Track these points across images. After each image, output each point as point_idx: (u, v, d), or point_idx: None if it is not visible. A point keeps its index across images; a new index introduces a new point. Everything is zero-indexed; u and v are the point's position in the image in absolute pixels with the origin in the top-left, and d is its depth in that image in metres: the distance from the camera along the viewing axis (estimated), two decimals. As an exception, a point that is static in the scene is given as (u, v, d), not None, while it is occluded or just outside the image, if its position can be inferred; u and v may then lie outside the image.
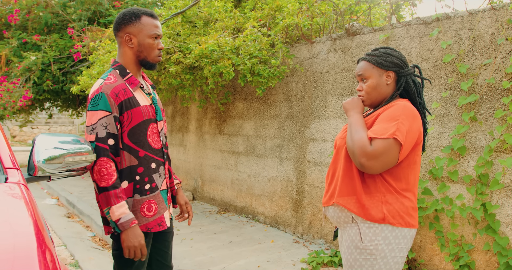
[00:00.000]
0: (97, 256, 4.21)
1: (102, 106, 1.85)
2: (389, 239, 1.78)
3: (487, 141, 3.00)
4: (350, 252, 1.85)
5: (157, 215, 2.00)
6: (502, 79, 2.92)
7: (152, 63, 2.04)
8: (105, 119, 1.85)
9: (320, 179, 4.38)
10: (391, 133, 1.70)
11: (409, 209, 1.81)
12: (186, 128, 7.05)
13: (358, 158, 1.73)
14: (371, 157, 1.70)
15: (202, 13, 5.16)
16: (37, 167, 1.61)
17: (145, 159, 1.97)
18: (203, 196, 6.55)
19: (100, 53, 5.71)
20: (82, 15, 8.52)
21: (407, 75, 1.91)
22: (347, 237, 1.87)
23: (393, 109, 1.79)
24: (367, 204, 1.79)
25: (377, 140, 1.71)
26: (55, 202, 7.19)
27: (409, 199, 1.82)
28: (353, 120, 1.85)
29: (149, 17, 1.99)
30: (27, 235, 1.03)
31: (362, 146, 1.71)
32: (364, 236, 1.79)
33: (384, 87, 1.91)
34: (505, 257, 2.84)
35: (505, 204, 2.91)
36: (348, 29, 4.03)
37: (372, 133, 1.74)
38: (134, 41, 1.97)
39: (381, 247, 1.77)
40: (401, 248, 1.80)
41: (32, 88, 8.57)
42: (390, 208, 1.77)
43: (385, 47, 1.95)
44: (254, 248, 4.25)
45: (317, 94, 4.42)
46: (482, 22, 3.03)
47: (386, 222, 1.76)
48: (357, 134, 1.77)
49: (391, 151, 1.71)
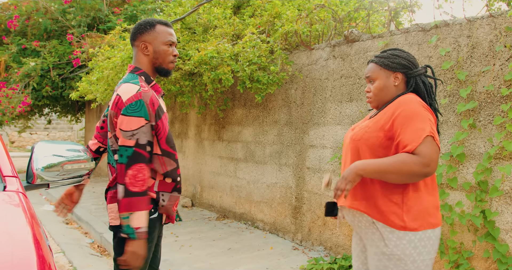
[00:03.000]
0: (96, 262, 4.19)
1: (143, 114, 1.88)
2: (414, 242, 1.75)
3: (486, 148, 3.00)
4: (378, 258, 1.81)
5: None
6: (501, 86, 2.92)
7: (167, 70, 2.11)
8: (145, 127, 1.89)
9: (319, 185, 4.37)
10: (423, 133, 1.69)
11: (429, 209, 1.77)
12: (185, 134, 7.05)
13: (420, 175, 1.70)
14: (425, 165, 1.68)
15: (201, 19, 5.18)
16: (36, 175, 1.60)
17: (177, 161, 2.07)
18: (202, 203, 6.53)
19: (100, 59, 5.72)
20: (82, 21, 8.55)
21: (416, 76, 1.90)
22: (371, 243, 1.84)
23: (406, 106, 1.76)
24: (386, 210, 1.76)
25: (419, 148, 1.68)
26: (54, 208, 7.16)
27: (429, 194, 1.79)
28: (375, 166, 1.74)
29: (163, 25, 2.07)
30: (25, 244, 1.03)
31: (412, 166, 1.67)
32: (389, 241, 1.76)
33: (392, 89, 1.90)
34: (505, 265, 2.83)
35: (504, 211, 2.90)
36: (347, 36, 4.04)
37: (408, 142, 1.70)
38: (150, 48, 2.04)
39: (408, 251, 1.74)
40: (429, 251, 1.77)
41: (31, 94, 8.59)
42: (410, 213, 1.74)
43: (393, 49, 1.94)
44: (253, 255, 4.23)
45: (316, 101, 4.43)
46: (481, 29, 3.05)
47: (407, 229, 1.74)
48: (396, 165, 1.70)
49: (433, 147, 1.70)
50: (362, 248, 2.01)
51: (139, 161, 1.85)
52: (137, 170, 1.84)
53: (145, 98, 1.90)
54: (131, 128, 1.86)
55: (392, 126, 1.77)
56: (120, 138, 1.88)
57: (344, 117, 4.10)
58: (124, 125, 1.87)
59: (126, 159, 1.85)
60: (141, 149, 1.87)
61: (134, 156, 1.85)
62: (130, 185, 1.83)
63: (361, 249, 2.02)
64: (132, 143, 1.86)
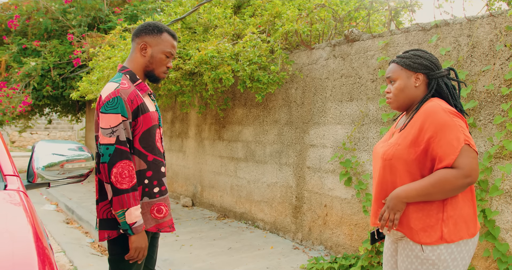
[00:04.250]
0: (96, 262, 4.19)
1: (120, 110, 1.87)
2: (451, 247, 1.71)
3: (487, 147, 3.00)
4: (410, 261, 1.77)
5: (168, 217, 2.06)
6: (501, 85, 2.93)
7: (157, 77, 2.11)
8: (123, 124, 1.88)
9: (319, 185, 4.37)
10: (459, 144, 1.65)
11: (467, 217, 1.74)
12: (185, 134, 7.05)
13: (464, 187, 1.68)
14: (467, 176, 1.65)
15: (202, 19, 5.18)
16: (37, 174, 1.61)
17: (154, 163, 2.01)
18: (203, 202, 6.54)
19: (100, 59, 5.73)
20: (82, 21, 8.55)
21: (438, 77, 1.85)
22: (406, 246, 1.80)
23: (434, 118, 1.71)
24: (419, 226, 1.73)
25: (457, 161, 1.65)
26: (54, 207, 7.17)
27: (468, 200, 1.76)
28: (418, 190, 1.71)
29: (170, 35, 2.09)
30: (26, 242, 1.03)
31: (454, 181, 1.65)
32: (426, 246, 1.73)
33: (412, 90, 1.86)
34: (505, 264, 2.83)
35: (504, 210, 2.90)
36: (347, 35, 4.04)
37: (445, 157, 1.67)
38: (149, 51, 2.04)
39: (443, 256, 1.70)
40: (463, 256, 1.74)
41: (32, 93, 8.59)
42: (449, 225, 1.71)
43: (416, 49, 1.90)
44: (254, 254, 4.24)
45: (317, 100, 4.43)
46: (481, 28, 3.05)
47: (443, 241, 1.70)
48: (438, 184, 1.67)
49: (471, 155, 1.67)
50: (392, 252, 1.97)
51: (123, 158, 1.85)
52: (122, 167, 1.84)
53: (122, 95, 1.89)
54: (110, 125, 1.85)
55: (423, 140, 1.72)
56: (100, 137, 1.87)
57: (344, 116, 4.10)
58: (104, 122, 1.87)
59: (108, 157, 1.84)
60: (122, 145, 1.86)
61: (117, 154, 1.84)
62: (117, 184, 1.83)
63: (391, 254, 1.98)
64: (112, 140, 1.85)
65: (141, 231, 1.89)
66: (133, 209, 1.85)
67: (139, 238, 1.89)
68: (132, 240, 1.89)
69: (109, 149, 1.83)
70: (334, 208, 4.20)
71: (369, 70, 3.87)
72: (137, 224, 1.87)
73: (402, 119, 1.99)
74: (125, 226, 1.86)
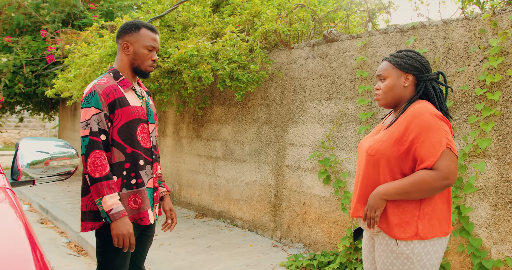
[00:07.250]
0: (73, 262, 4.13)
1: (94, 103, 1.98)
2: (425, 242, 1.78)
3: (461, 146, 3.10)
4: (386, 256, 1.84)
5: (141, 209, 2.09)
6: (475, 86, 3.03)
7: (145, 72, 2.19)
8: (97, 116, 1.97)
9: (298, 183, 4.42)
10: (440, 147, 1.71)
11: (442, 216, 1.81)
12: (163, 133, 7.01)
13: (441, 188, 1.73)
14: (444, 178, 1.71)
15: (181, 17, 5.16)
16: (21, 171, 1.59)
17: (132, 156, 2.07)
18: (180, 201, 6.51)
19: (76, 56, 5.63)
20: (56, 17, 8.38)
21: (426, 80, 1.91)
22: (382, 241, 1.87)
23: (420, 119, 1.77)
24: (395, 222, 1.79)
25: (437, 163, 1.71)
26: (27, 207, 7.01)
27: (445, 200, 1.83)
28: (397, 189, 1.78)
29: (148, 29, 2.17)
30: (19, 238, 1.03)
31: (432, 183, 1.71)
32: (400, 241, 1.79)
33: (401, 89, 1.92)
34: (478, 258, 2.94)
35: (478, 207, 3.01)
36: (326, 35, 4.10)
37: (426, 158, 1.73)
38: (131, 49, 2.14)
39: (417, 250, 1.77)
40: (437, 250, 1.81)
41: (3, 91, 8.38)
42: (425, 222, 1.77)
43: (409, 50, 1.96)
44: (233, 252, 4.25)
45: (296, 100, 4.47)
46: (456, 31, 3.14)
47: (417, 238, 1.77)
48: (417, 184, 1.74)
49: (451, 159, 1.73)
50: (370, 248, 2.04)
51: (95, 148, 1.94)
52: (94, 157, 1.92)
53: (98, 89, 2.00)
54: (85, 119, 1.97)
55: (407, 140, 1.78)
56: (80, 131, 1.98)
57: (323, 115, 4.16)
58: (82, 117, 1.99)
59: (84, 149, 1.94)
60: (94, 136, 1.95)
61: (90, 144, 1.94)
62: (92, 173, 1.91)
63: (369, 249, 2.04)
64: (87, 132, 1.95)
65: (119, 218, 1.93)
66: (107, 197, 1.91)
67: (119, 225, 1.93)
68: (112, 227, 1.94)
69: (85, 141, 1.95)
70: (313, 206, 4.26)
71: (348, 70, 3.94)
72: (114, 211, 1.92)
73: (389, 117, 2.06)
74: (104, 213, 1.93)
